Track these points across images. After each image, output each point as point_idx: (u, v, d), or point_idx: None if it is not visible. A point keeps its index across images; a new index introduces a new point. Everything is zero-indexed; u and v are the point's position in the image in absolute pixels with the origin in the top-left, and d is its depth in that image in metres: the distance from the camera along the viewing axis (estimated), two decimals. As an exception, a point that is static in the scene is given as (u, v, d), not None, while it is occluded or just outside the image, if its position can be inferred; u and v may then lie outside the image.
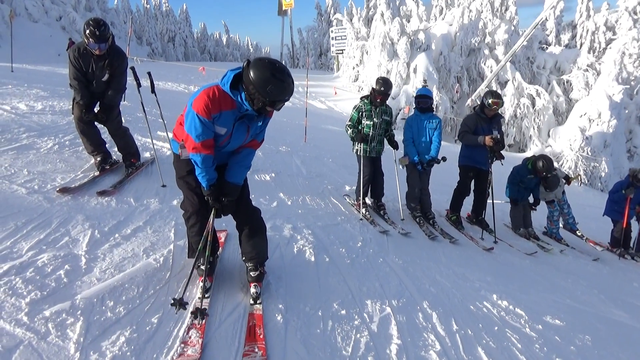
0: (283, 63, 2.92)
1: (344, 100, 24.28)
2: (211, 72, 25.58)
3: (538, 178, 7.19)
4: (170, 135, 3.28)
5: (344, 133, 6.31)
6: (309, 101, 14.84)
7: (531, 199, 7.59)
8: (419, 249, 5.21)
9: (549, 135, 23.28)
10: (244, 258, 3.33)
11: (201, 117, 2.78)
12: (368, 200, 6.28)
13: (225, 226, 4.17)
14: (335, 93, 24.27)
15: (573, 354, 3.47)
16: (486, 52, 26.31)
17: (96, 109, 5.18)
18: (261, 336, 2.75)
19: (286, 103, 2.84)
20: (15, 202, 3.91)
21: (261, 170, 6.59)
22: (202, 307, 2.63)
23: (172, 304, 2.62)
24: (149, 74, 5.43)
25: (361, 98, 6.14)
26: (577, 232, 8.20)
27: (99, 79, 4.95)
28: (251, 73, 2.65)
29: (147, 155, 5.89)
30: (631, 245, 8.32)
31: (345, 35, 33.75)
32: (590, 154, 20.67)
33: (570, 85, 25.82)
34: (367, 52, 28.33)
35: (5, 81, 9.74)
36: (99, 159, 5.23)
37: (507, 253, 6.11)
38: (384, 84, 5.89)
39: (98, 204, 4.25)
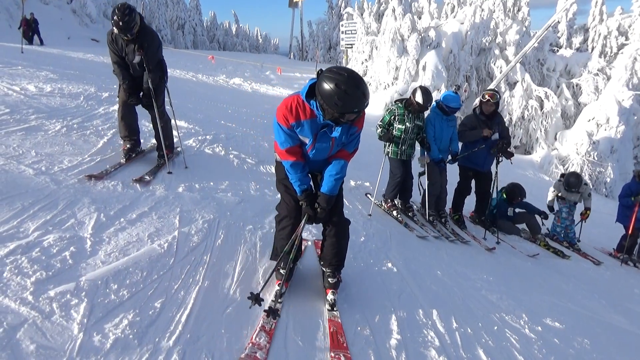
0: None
1: (351, 95, 24.11)
2: (220, 61, 25.55)
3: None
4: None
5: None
6: (316, 94, 14.79)
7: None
8: (422, 247, 5.22)
9: (555, 139, 23.12)
10: (322, 263, 3.36)
11: (282, 126, 2.89)
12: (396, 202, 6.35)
13: (308, 234, 4.23)
14: (343, 87, 24.09)
15: (571, 356, 3.49)
16: (496, 52, 26.08)
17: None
18: (344, 344, 2.75)
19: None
20: (23, 183, 3.94)
21: (266, 161, 6.59)
22: (275, 308, 2.62)
23: (248, 297, 2.65)
24: (159, 60, 5.43)
25: (395, 101, 6.18)
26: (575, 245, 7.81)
27: (132, 62, 4.95)
28: (321, 84, 2.64)
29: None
30: (634, 252, 8.24)
31: (355, 30, 33.43)
32: (596, 158, 20.53)
33: (580, 89, 25.57)
34: (376, 48, 28.11)
35: (15, 62, 9.79)
36: (128, 145, 5.24)
37: (509, 254, 6.11)
38: (427, 97, 5.81)
39: (104, 188, 4.27)
